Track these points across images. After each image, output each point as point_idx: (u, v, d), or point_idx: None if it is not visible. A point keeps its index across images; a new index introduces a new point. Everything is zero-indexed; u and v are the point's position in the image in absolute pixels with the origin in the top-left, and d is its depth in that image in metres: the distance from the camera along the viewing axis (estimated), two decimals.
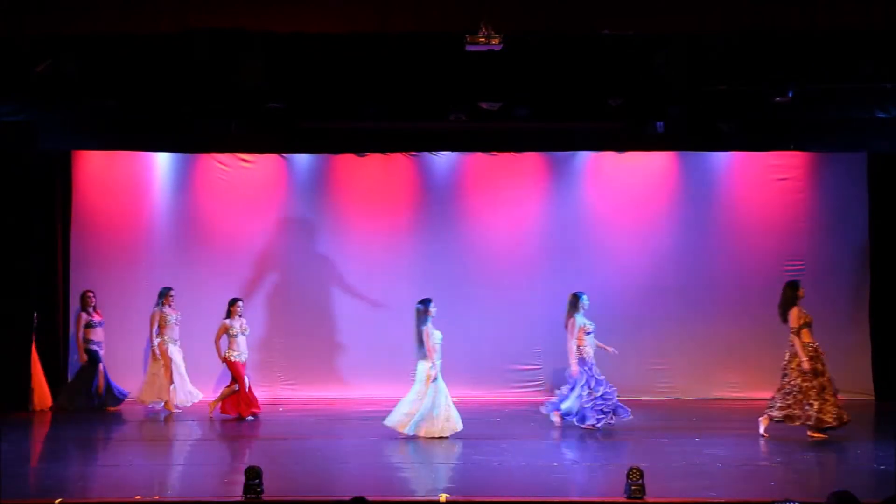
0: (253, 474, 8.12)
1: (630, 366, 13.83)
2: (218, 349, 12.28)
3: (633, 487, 8.07)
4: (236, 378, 12.22)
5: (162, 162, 13.98)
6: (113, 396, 13.10)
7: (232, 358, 12.21)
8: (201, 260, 13.88)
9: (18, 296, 12.70)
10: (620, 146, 13.50)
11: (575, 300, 11.79)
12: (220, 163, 13.96)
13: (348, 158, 13.97)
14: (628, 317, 13.83)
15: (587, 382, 11.46)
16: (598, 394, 11.42)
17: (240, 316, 12.32)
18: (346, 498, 6.23)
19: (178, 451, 11.14)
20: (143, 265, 13.86)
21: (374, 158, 13.95)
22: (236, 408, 12.22)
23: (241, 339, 12.29)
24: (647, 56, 9.72)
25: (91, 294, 13.13)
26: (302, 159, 14.07)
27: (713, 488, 8.61)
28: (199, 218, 14.00)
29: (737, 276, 13.87)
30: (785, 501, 7.58)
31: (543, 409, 11.88)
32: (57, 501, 7.97)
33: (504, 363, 13.93)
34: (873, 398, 13.52)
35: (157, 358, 12.70)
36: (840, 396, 11.46)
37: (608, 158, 14.00)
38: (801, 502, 7.12)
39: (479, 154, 13.98)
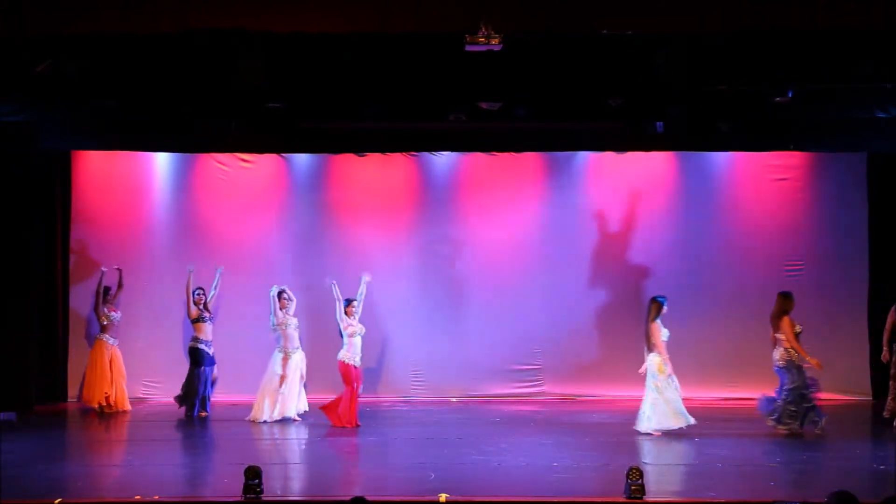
0: (253, 474, 8.12)
1: (630, 365, 13.83)
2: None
3: (632, 487, 8.08)
4: (349, 382, 11.72)
5: (162, 162, 13.98)
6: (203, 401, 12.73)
7: (346, 360, 11.72)
8: (201, 260, 13.85)
9: (18, 295, 12.68)
10: (620, 146, 13.50)
11: (659, 307, 11.52)
12: (220, 163, 13.96)
13: (348, 158, 13.97)
14: (627, 316, 13.82)
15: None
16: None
17: (354, 315, 11.78)
18: (346, 498, 6.24)
19: (179, 451, 11.14)
20: (143, 265, 13.86)
21: (374, 158, 13.95)
22: (335, 412, 11.76)
23: (358, 341, 11.78)
24: (647, 56, 9.72)
25: (201, 290, 12.74)
26: (302, 159, 14.08)
27: (713, 488, 8.62)
28: (199, 218, 14.00)
29: (736, 276, 13.87)
30: (785, 501, 7.59)
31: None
32: (57, 501, 7.97)
33: (503, 363, 13.93)
34: (871, 398, 13.52)
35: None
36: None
37: (608, 158, 14.01)
38: (801, 502, 7.12)
39: (479, 154, 13.99)
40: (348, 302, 11.78)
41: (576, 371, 13.91)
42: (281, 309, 12.11)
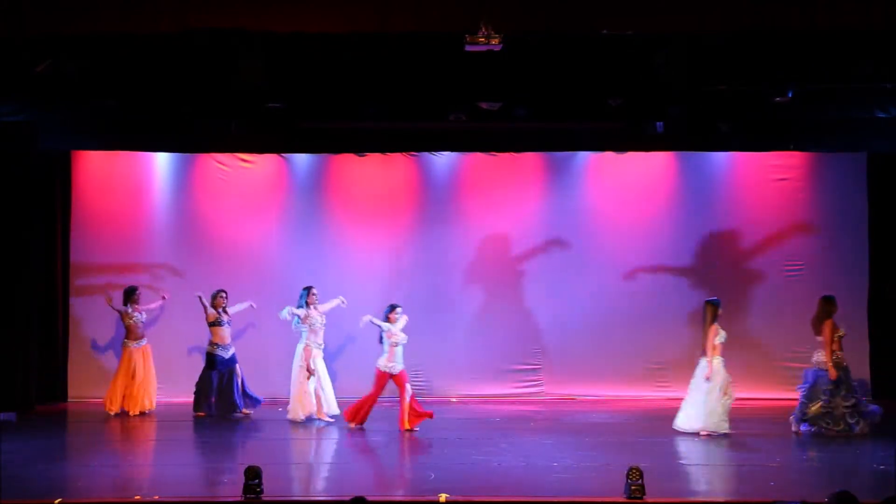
0: (253, 474, 8.13)
1: (629, 365, 13.86)
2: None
3: (632, 487, 8.09)
4: (378, 388, 11.58)
5: (162, 162, 13.97)
6: (243, 397, 12.69)
7: (383, 368, 11.54)
8: (201, 260, 13.88)
9: (18, 296, 12.68)
10: (620, 146, 13.50)
11: (715, 309, 11.47)
12: (220, 163, 13.96)
13: (348, 158, 13.97)
14: (628, 316, 13.84)
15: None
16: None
17: (397, 322, 11.61)
18: (346, 498, 6.24)
19: (179, 451, 11.13)
20: (142, 265, 13.86)
21: (374, 158, 13.95)
22: (356, 415, 11.62)
23: (399, 350, 11.59)
24: (647, 56, 9.72)
25: (224, 294, 12.70)
26: (302, 159, 14.07)
27: (713, 488, 8.61)
28: (199, 218, 14.00)
29: (736, 276, 13.87)
30: (785, 501, 7.59)
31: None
32: (57, 501, 7.98)
33: (504, 363, 13.93)
34: (871, 398, 13.50)
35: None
36: None
37: (608, 158, 14.00)
38: (801, 502, 7.12)
39: (479, 154, 13.98)
40: (391, 308, 11.64)
41: (576, 371, 13.91)
42: (309, 305, 12.06)
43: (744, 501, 8.31)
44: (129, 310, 12.86)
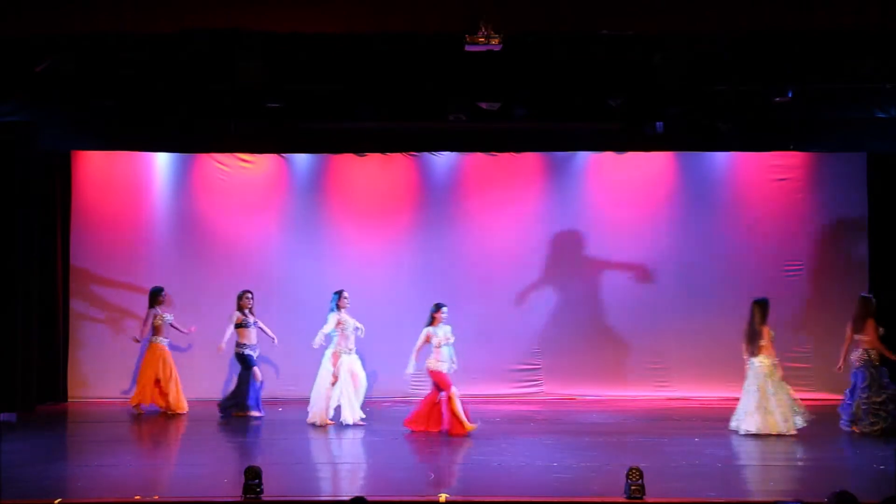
0: (253, 474, 8.12)
1: (629, 365, 13.86)
2: (412, 358, 11.55)
3: (632, 487, 8.08)
4: (441, 388, 11.33)
5: (161, 162, 13.97)
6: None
7: (434, 367, 11.40)
8: (201, 260, 13.88)
9: (18, 296, 12.67)
10: (620, 146, 13.50)
11: (765, 307, 11.46)
12: (220, 163, 13.96)
13: (348, 158, 13.96)
14: (628, 316, 13.84)
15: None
16: None
17: (442, 323, 11.49)
18: (346, 498, 6.24)
19: (178, 451, 11.14)
20: (142, 265, 13.86)
21: (374, 158, 13.95)
22: (425, 423, 11.39)
23: (446, 349, 11.45)
24: (647, 56, 9.72)
25: (250, 295, 12.60)
26: (302, 159, 14.07)
27: (713, 488, 8.62)
28: (199, 218, 14.00)
29: (736, 276, 13.85)
30: (785, 501, 7.59)
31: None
32: (56, 501, 7.98)
33: (503, 363, 13.93)
34: None
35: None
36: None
37: (608, 158, 14.00)
38: (801, 502, 7.13)
39: (479, 154, 13.98)
40: (437, 307, 11.53)
41: (576, 371, 13.91)
42: (340, 309, 11.91)
43: (744, 501, 8.31)
44: (158, 311, 12.79)
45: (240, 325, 12.50)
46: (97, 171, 14.01)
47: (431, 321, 11.50)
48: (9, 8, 8.42)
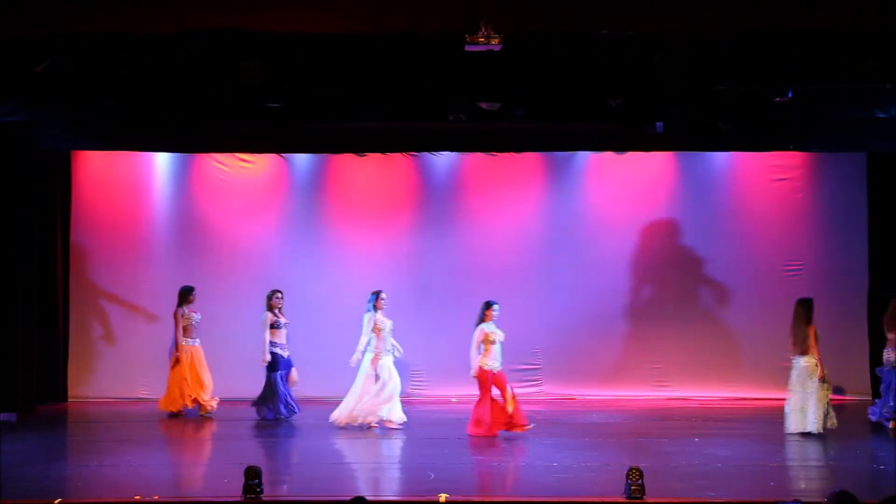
0: (253, 474, 8.12)
1: (629, 365, 13.86)
2: (473, 358, 11.15)
3: (632, 487, 8.08)
4: (487, 389, 11.06)
5: (161, 162, 13.97)
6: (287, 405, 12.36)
7: (485, 366, 11.09)
8: (201, 260, 13.87)
9: (18, 296, 12.67)
10: (620, 146, 13.50)
11: (810, 307, 11.40)
12: (220, 163, 13.96)
13: (348, 158, 13.96)
14: (628, 316, 13.85)
15: None
16: None
17: (494, 320, 11.16)
18: (346, 498, 6.24)
19: (178, 451, 11.14)
20: (142, 265, 13.87)
21: (374, 158, 13.95)
22: (488, 425, 10.99)
23: (497, 347, 11.15)
24: (647, 56, 9.72)
25: (280, 294, 12.42)
26: (302, 159, 14.07)
27: (713, 488, 8.62)
28: (199, 218, 13.99)
29: (736, 276, 13.87)
30: (785, 501, 7.58)
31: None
32: (56, 501, 7.98)
33: (503, 363, 13.88)
34: (871, 398, 13.49)
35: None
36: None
37: (608, 158, 14.00)
38: (801, 502, 7.12)
39: (479, 154, 13.98)
40: (488, 305, 11.26)
41: (576, 371, 13.91)
42: (377, 310, 11.65)
43: (744, 501, 8.31)
44: (185, 310, 12.56)
45: (273, 326, 12.26)
46: (97, 171, 14.01)
47: (483, 318, 11.17)
48: (9, 8, 8.42)
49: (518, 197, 14.04)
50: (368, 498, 6.09)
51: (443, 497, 8.11)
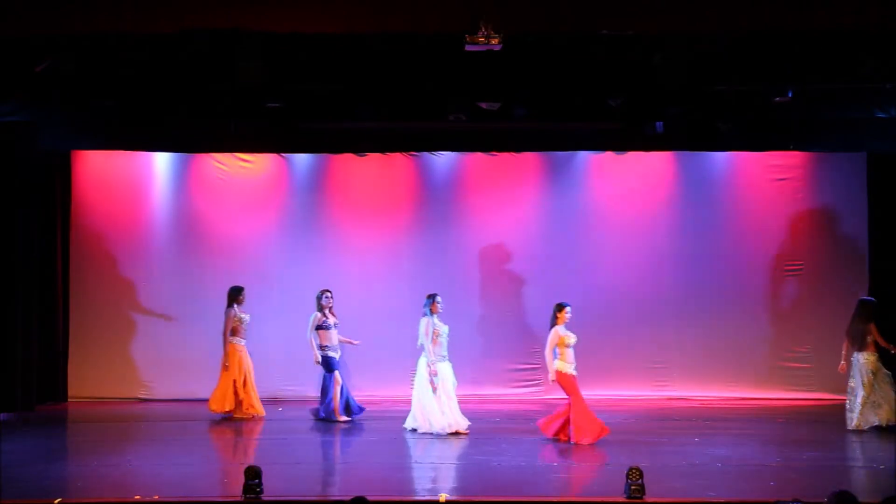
0: (253, 474, 8.12)
1: (629, 365, 13.85)
2: (550, 363, 10.94)
3: (632, 487, 8.08)
4: (573, 392, 10.74)
5: (161, 162, 13.98)
6: (347, 407, 12.13)
7: (564, 370, 10.84)
8: (201, 260, 13.88)
9: (18, 295, 12.68)
10: (620, 146, 13.51)
11: (873, 306, 11.50)
12: (220, 163, 13.96)
13: (348, 158, 13.97)
14: (628, 316, 13.84)
15: None
16: None
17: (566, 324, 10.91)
18: (346, 498, 6.24)
19: (178, 450, 11.13)
20: (142, 265, 13.87)
21: (374, 158, 13.95)
22: (593, 430, 10.66)
23: (572, 351, 10.90)
24: (647, 56, 9.72)
25: (329, 294, 12.14)
26: (302, 159, 14.08)
27: (713, 488, 8.61)
28: (199, 218, 14.00)
29: (736, 276, 13.88)
30: (785, 501, 7.58)
31: None
32: (56, 501, 7.98)
33: (504, 363, 13.94)
34: None
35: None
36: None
37: (608, 159, 14.01)
38: (801, 502, 7.12)
39: (479, 154, 13.99)
40: (560, 307, 11.03)
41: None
42: (433, 314, 11.39)
43: (744, 501, 8.30)
44: (235, 310, 12.31)
45: (320, 327, 12.08)
46: (97, 171, 14.01)
47: (556, 321, 10.93)
48: (9, 8, 8.42)
49: (518, 197, 14.04)
50: (369, 498, 6.08)
51: (443, 497, 8.11)
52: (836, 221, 13.89)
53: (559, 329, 10.90)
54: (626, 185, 14.02)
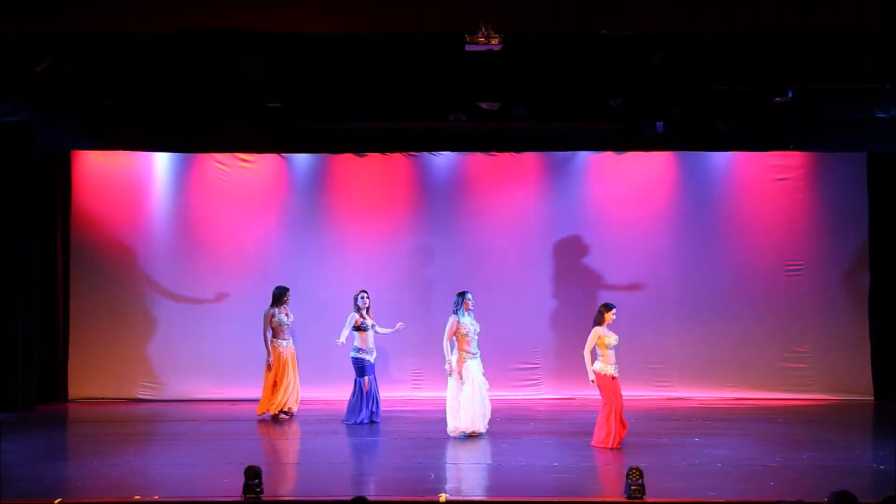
0: (253, 474, 8.12)
1: (629, 365, 13.82)
2: (589, 364, 10.68)
3: (632, 487, 8.07)
4: (608, 395, 10.54)
5: (161, 162, 13.97)
6: (371, 412, 11.94)
7: (605, 371, 10.63)
8: (200, 260, 13.88)
9: (18, 295, 12.67)
10: (620, 146, 13.51)
11: None
12: (220, 163, 13.95)
13: (348, 158, 13.97)
14: (628, 316, 13.81)
15: None
16: None
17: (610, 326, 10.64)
18: (347, 498, 6.24)
19: (178, 450, 11.13)
20: (142, 265, 13.86)
21: (374, 158, 13.95)
22: (609, 436, 10.42)
23: (612, 353, 10.64)
24: (647, 56, 9.73)
25: (365, 294, 11.90)
26: (302, 159, 14.07)
27: (713, 488, 8.61)
28: (199, 218, 13.99)
29: (736, 276, 13.86)
30: (785, 501, 7.58)
31: None
32: (56, 501, 7.97)
33: (504, 363, 13.92)
34: (872, 398, 13.50)
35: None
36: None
37: (608, 158, 14.00)
38: (800, 502, 7.12)
39: (479, 154, 13.99)
40: (607, 307, 10.81)
41: (576, 371, 13.83)
42: (465, 312, 11.13)
43: (744, 501, 8.30)
44: (275, 311, 12.10)
45: (359, 328, 11.85)
46: (97, 171, 14.00)
47: (602, 320, 10.69)
48: (9, 8, 8.43)
49: (518, 197, 14.03)
50: (369, 498, 6.08)
51: (443, 497, 8.11)
52: (836, 221, 13.87)
53: (600, 329, 10.66)
54: (626, 185, 14.01)
